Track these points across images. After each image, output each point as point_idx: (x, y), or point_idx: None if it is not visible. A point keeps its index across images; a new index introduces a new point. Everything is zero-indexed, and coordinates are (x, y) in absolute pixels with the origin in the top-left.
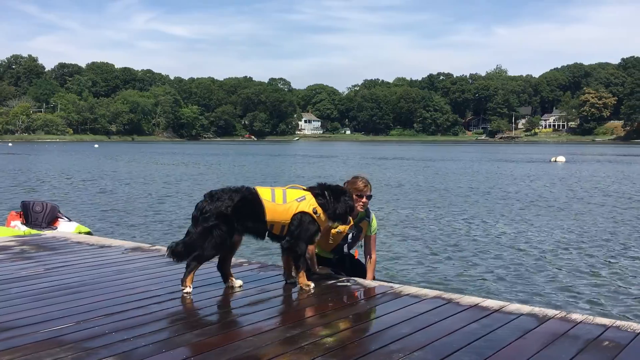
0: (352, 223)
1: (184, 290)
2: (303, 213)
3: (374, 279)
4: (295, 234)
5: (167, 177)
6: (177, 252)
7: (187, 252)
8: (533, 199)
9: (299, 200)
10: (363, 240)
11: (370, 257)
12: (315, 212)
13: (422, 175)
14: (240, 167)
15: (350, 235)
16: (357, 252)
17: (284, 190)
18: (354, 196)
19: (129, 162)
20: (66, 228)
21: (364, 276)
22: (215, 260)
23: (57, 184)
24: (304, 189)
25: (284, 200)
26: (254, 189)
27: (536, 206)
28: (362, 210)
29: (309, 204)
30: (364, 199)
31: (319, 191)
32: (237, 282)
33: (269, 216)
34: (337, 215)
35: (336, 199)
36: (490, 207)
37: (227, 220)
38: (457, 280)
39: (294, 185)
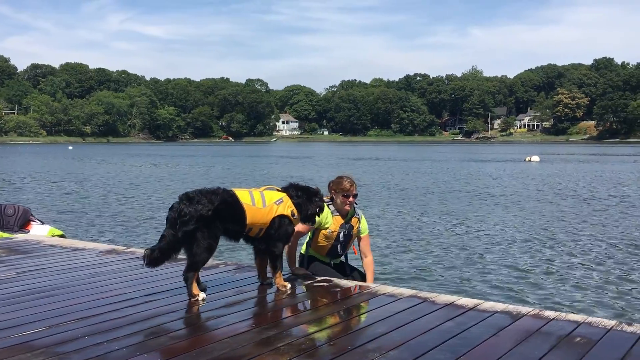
0: (342, 221)
1: (199, 299)
2: (282, 216)
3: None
4: (274, 236)
5: (140, 178)
6: (153, 259)
7: (163, 257)
8: (507, 198)
9: (277, 203)
10: (356, 241)
11: (366, 258)
12: (293, 215)
13: (395, 175)
14: (212, 168)
15: (341, 234)
16: (356, 250)
17: (261, 192)
18: (340, 196)
19: (101, 163)
20: (39, 231)
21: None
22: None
23: (29, 187)
24: (279, 190)
25: (264, 204)
26: (232, 191)
27: (510, 205)
28: (349, 209)
29: (287, 206)
30: (351, 199)
31: (294, 192)
32: (202, 295)
33: (250, 220)
34: (308, 216)
35: (308, 199)
36: (464, 206)
37: (208, 223)
38: (432, 279)
39: (270, 186)
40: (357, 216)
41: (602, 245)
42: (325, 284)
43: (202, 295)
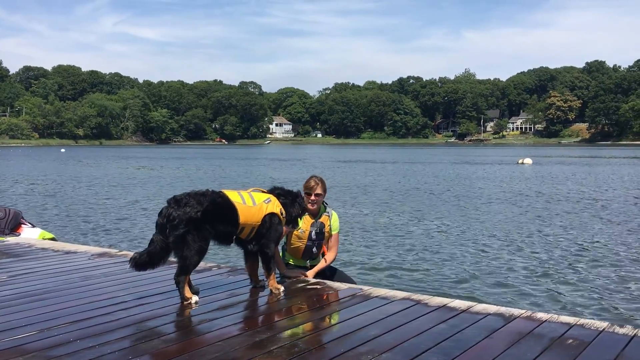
0: (312, 220)
1: (192, 302)
2: (272, 214)
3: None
4: (266, 236)
5: (131, 180)
6: (141, 263)
7: (151, 262)
8: (500, 201)
9: (266, 202)
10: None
11: (329, 252)
12: (282, 214)
13: (386, 177)
14: (198, 172)
15: (313, 233)
16: (326, 249)
17: (249, 193)
18: (305, 194)
19: (93, 166)
20: (30, 234)
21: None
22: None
23: (20, 190)
24: (264, 192)
25: (254, 203)
26: (221, 192)
27: (503, 207)
28: (312, 207)
29: (275, 205)
30: (312, 197)
31: (281, 192)
32: (194, 298)
33: (242, 218)
34: (293, 218)
35: (292, 202)
36: (457, 209)
37: (198, 225)
38: (425, 281)
39: (257, 188)
40: (327, 214)
41: (594, 247)
42: (318, 286)
43: (194, 298)
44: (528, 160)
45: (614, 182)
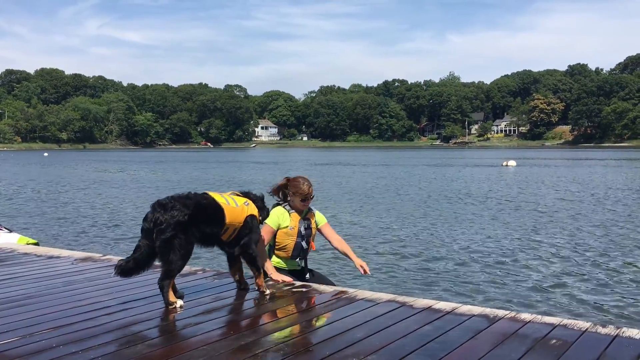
0: (299, 217)
1: (176, 306)
2: (252, 216)
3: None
4: (247, 237)
5: (114, 184)
6: (127, 269)
7: (137, 268)
8: (485, 202)
9: (245, 204)
10: (320, 232)
11: (335, 239)
12: (260, 216)
13: (370, 179)
14: (183, 175)
15: (302, 228)
16: (314, 245)
17: (229, 195)
18: (299, 199)
19: (75, 169)
20: (7, 240)
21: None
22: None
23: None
24: (240, 195)
25: (236, 204)
26: (206, 193)
27: (487, 209)
28: (301, 208)
29: (253, 207)
30: (308, 201)
31: (254, 197)
32: (179, 302)
33: (228, 219)
34: (261, 222)
35: (262, 207)
36: (441, 211)
37: (185, 229)
38: (410, 283)
39: (233, 192)
40: (312, 211)
41: (577, 248)
42: (303, 289)
43: (179, 302)
44: (512, 162)
45: (596, 183)
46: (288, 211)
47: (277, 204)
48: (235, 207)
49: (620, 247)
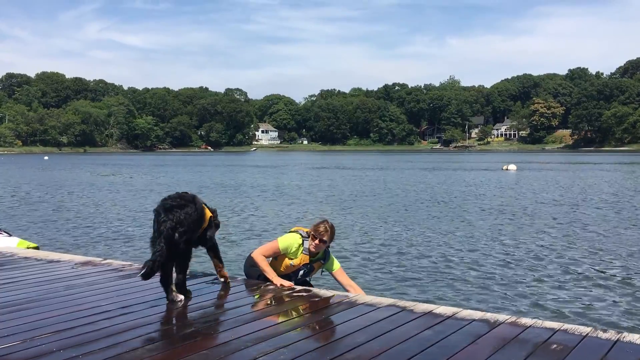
0: (306, 261)
1: (177, 300)
2: (210, 216)
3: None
4: (210, 234)
5: (114, 187)
6: (152, 273)
7: (160, 270)
8: (486, 207)
9: (205, 205)
10: (334, 277)
11: (351, 284)
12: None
13: (369, 184)
14: (183, 177)
15: (301, 273)
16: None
17: None
18: (312, 237)
19: (75, 173)
20: (7, 244)
21: None
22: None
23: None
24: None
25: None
26: (186, 193)
27: (487, 213)
28: (314, 250)
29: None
30: (317, 241)
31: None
32: (179, 297)
33: (206, 217)
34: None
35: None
36: (441, 215)
37: (194, 225)
38: (411, 287)
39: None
40: (322, 262)
41: (576, 252)
42: (304, 293)
43: (180, 296)
44: (512, 167)
45: (596, 188)
46: (302, 247)
47: (298, 233)
48: (205, 208)
49: (625, 253)
